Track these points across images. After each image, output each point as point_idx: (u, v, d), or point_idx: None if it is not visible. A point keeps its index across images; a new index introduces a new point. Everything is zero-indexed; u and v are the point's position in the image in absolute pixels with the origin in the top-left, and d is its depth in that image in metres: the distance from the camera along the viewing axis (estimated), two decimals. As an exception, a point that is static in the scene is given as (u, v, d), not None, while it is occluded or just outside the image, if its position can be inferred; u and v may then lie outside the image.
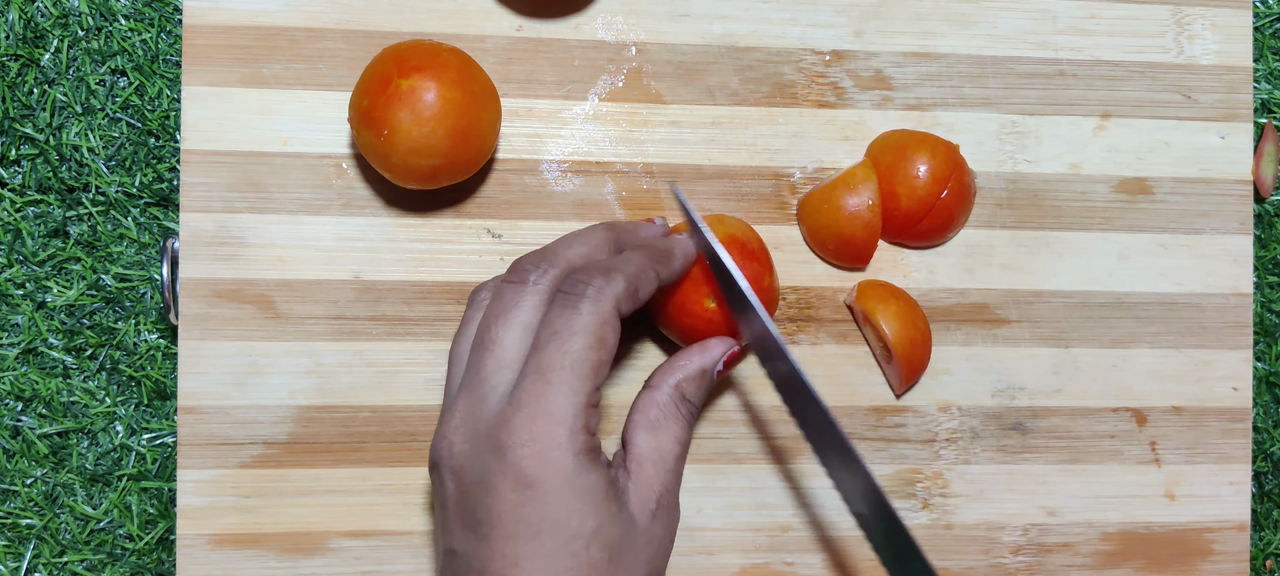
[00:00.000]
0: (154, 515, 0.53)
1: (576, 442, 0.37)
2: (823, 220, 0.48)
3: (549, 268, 0.40)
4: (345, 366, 0.48)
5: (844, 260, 0.50)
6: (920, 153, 0.48)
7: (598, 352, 0.38)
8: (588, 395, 0.37)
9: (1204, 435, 0.53)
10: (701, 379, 0.43)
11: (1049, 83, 0.52)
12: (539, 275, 0.40)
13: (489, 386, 0.38)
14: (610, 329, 0.38)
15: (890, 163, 0.49)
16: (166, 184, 0.52)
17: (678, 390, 0.42)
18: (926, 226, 0.49)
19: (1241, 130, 0.53)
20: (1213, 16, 0.53)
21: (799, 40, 0.51)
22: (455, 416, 0.38)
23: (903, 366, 0.48)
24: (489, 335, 0.39)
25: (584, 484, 0.37)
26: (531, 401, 0.37)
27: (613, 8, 0.50)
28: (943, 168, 0.48)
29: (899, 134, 0.50)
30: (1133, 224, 0.52)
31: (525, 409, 0.37)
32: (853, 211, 0.48)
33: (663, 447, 0.41)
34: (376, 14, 0.49)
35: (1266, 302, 0.58)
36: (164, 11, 0.52)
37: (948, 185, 0.48)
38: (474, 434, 0.38)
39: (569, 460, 0.36)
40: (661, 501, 0.40)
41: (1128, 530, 0.52)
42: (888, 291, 0.49)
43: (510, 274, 0.40)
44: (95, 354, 0.52)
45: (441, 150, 0.43)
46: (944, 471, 0.51)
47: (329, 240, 0.48)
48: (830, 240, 0.49)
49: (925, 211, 0.48)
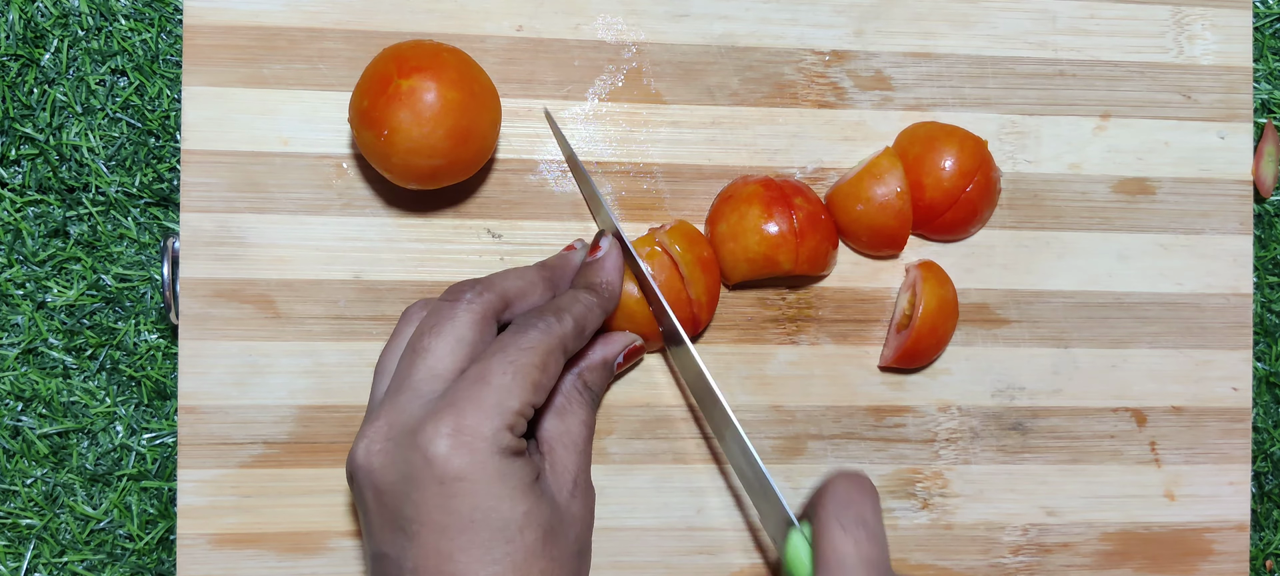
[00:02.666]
0: (154, 515, 0.53)
1: (501, 441, 0.38)
2: (852, 213, 0.49)
3: (484, 291, 0.41)
4: (345, 366, 0.48)
5: (878, 249, 0.50)
6: (948, 145, 0.49)
7: (540, 372, 0.39)
8: (522, 403, 0.38)
9: (1204, 435, 0.53)
10: (603, 369, 0.46)
11: (1049, 83, 0.52)
12: (474, 295, 0.41)
13: (418, 391, 0.39)
14: (554, 359, 0.40)
15: (918, 154, 0.49)
16: (166, 184, 0.52)
17: (580, 378, 0.45)
18: (950, 219, 0.49)
19: (1241, 130, 0.53)
20: (1213, 16, 0.53)
21: (799, 40, 0.51)
22: (378, 421, 0.39)
23: (911, 341, 0.48)
24: (422, 343, 0.40)
25: (510, 472, 0.38)
26: (463, 399, 0.38)
27: (613, 8, 0.50)
28: (970, 161, 0.48)
29: (928, 126, 0.50)
30: (1133, 224, 0.52)
31: (457, 405, 0.37)
32: (882, 201, 0.48)
33: (571, 430, 0.43)
34: (376, 14, 0.49)
35: (1266, 302, 0.58)
36: (164, 11, 0.52)
37: (974, 179, 0.48)
38: (398, 435, 0.38)
39: (494, 454, 0.37)
40: (577, 481, 0.42)
41: (1127, 530, 0.52)
42: (946, 279, 0.49)
43: (447, 294, 0.42)
44: (95, 354, 0.52)
45: (441, 150, 0.43)
46: (944, 471, 0.51)
47: (329, 240, 0.48)
48: (862, 232, 0.49)
49: (950, 204, 0.48)
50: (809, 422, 0.50)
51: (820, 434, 0.51)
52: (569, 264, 0.46)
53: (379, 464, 0.38)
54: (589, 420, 0.44)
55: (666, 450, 0.50)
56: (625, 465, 0.50)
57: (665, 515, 0.50)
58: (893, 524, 0.51)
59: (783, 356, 0.50)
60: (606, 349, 0.46)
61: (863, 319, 0.51)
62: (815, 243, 0.47)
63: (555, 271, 0.45)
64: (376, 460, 0.38)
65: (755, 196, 0.47)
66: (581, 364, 0.45)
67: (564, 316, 0.41)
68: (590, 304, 0.43)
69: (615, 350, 0.46)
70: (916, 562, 0.51)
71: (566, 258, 0.47)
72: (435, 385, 0.39)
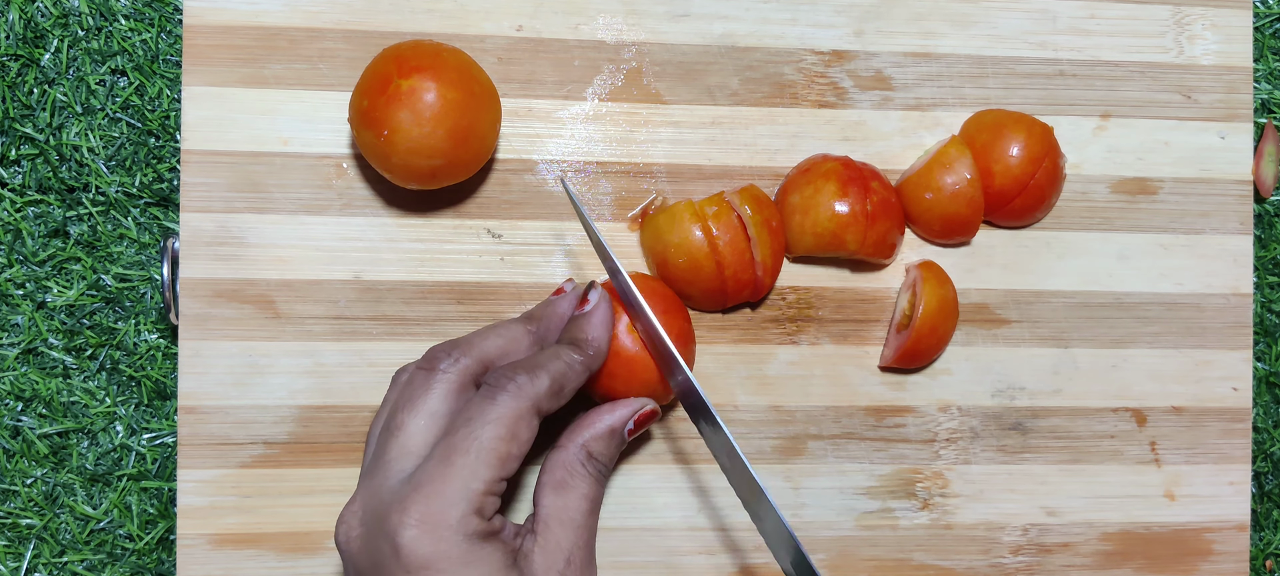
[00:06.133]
0: (154, 515, 0.53)
1: (468, 526, 0.37)
2: (922, 202, 0.49)
3: (461, 357, 0.40)
4: (345, 366, 0.48)
5: (949, 237, 0.50)
6: (1016, 132, 0.49)
7: (508, 444, 0.38)
8: (488, 483, 0.37)
9: (1204, 435, 0.53)
10: (610, 438, 0.43)
11: (1049, 83, 0.52)
12: (449, 364, 0.40)
13: (391, 471, 0.38)
14: (525, 425, 0.39)
15: (986, 141, 0.49)
16: (166, 184, 0.52)
17: (584, 449, 0.42)
18: (1019, 205, 0.49)
19: (1241, 130, 0.53)
20: (1213, 16, 0.53)
21: (799, 40, 0.51)
22: (355, 502, 0.39)
23: (911, 341, 0.48)
24: (395, 420, 0.39)
25: (479, 558, 0.37)
26: (428, 482, 0.37)
27: (613, 8, 0.50)
28: (1038, 147, 0.49)
29: (995, 113, 0.50)
30: (1133, 224, 0.52)
31: (422, 489, 0.37)
32: (954, 190, 0.48)
33: (569, 507, 0.41)
34: (376, 14, 0.49)
35: (1266, 302, 0.58)
36: (164, 11, 0.52)
37: (1042, 165, 0.49)
38: (370, 517, 0.38)
39: (460, 541, 0.36)
40: (572, 559, 0.40)
41: (1128, 530, 0.52)
42: (946, 278, 0.49)
43: (422, 362, 0.41)
44: (95, 354, 0.52)
45: (441, 150, 0.43)
46: (944, 471, 0.51)
47: (329, 240, 0.48)
48: (934, 221, 0.49)
49: (1019, 190, 0.49)
50: (809, 422, 0.50)
51: (820, 434, 0.51)
52: (556, 313, 0.44)
53: (356, 548, 0.38)
54: (592, 494, 0.41)
55: (666, 450, 0.50)
56: (625, 465, 0.50)
57: (665, 515, 0.50)
58: (893, 524, 0.51)
59: (783, 356, 0.50)
60: (613, 417, 0.43)
61: (863, 319, 0.51)
62: (884, 228, 0.48)
63: (541, 324, 0.43)
64: (353, 544, 0.38)
65: (833, 173, 0.48)
66: (586, 434, 0.42)
67: (539, 375, 0.39)
68: (572, 362, 0.41)
69: (623, 418, 0.43)
70: (917, 563, 0.51)
71: (553, 305, 0.44)
72: (407, 463, 0.38)
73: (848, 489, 0.51)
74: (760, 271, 0.47)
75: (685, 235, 0.46)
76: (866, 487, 0.51)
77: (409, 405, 0.39)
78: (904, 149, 0.51)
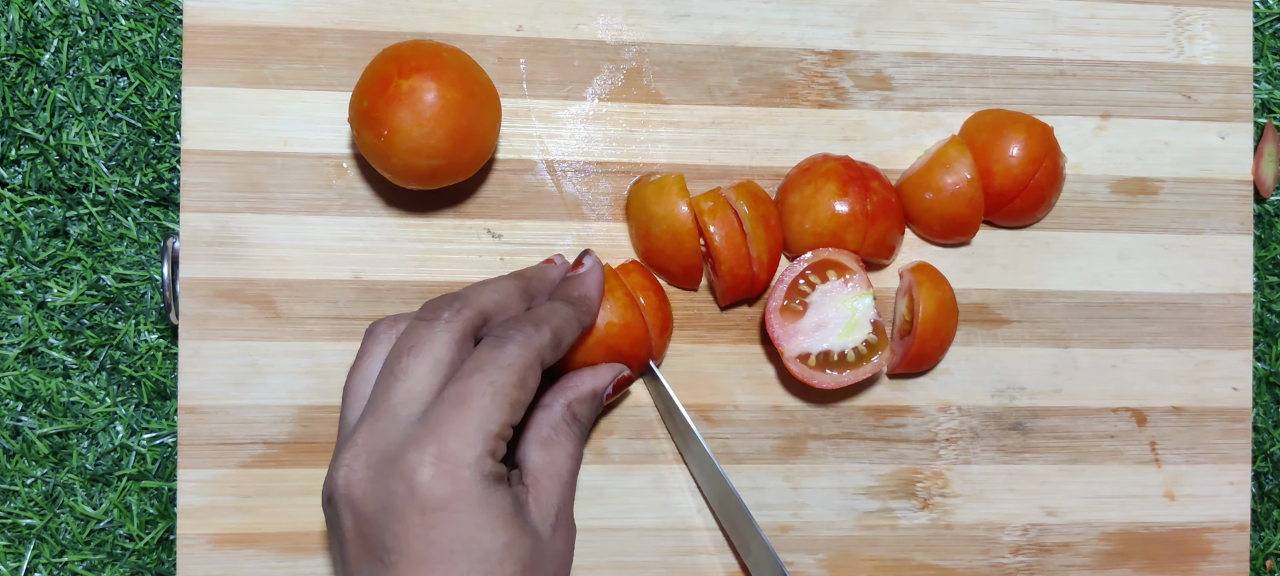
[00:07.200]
0: (154, 515, 0.53)
1: (484, 466, 0.37)
2: (922, 203, 0.49)
3: (463, 308, 0.40)
4: (345, 366, 0.48)
5: (949, 237, 0.50)
6: (1016, 132, 0.49)
7: (519, 391, 0.38)
8: (501, 427, 0.37)
9: (1204, 435, 0.53)
10: (592, 399, 0.44)
11: (1049, 83, 0.52)
12: (452, 314, 0.40)
13: (397, 415, 0.38)
14: (532, 373, 0.39)
15: (986, 141, 0.49)
16: (166, 184, 0.52)
17: (569, 409, 0.43)
18: (1019, 205, 0.49)
19: (1241, 130, 0.53)
20: (1213, 16, 0.53)
21: (799, 40, 0.51)
22: (356, 445, 0.38)
23: (915, 346, 0.48)
24: (399, 365, 0.39)
25: (492, 501, 0.37)
26: (443, 423, 0.37)
27: (613, 8, 0.50)
28: (1038, 147, 0.49)
29: (995, 113, 0.50)
30: (1133, 224, 0.52)
31: (438, 430, 0.37)
32: (954, 189, 0.48)
33: (557, 463, 0.42)
34: (376, 14, 0.49)
35: (1266, 303, 0.58)
36: (164, 11, 0.52)
37: (1042, 165, 0.49)
38: (378, 461, 0.37)
39: (477, 481, 0.36)
40: (560, 514, 0.41)
41: (1128, 530, 0.52)
42: (941, 279, 0.49)
43: (422, 312, 0.40)
44: (95, 354, 0.52)
45: (441, 150, 0.43)
46: (944, 471, 0.51)
47: (329, 240, 0.48)
48: (934, 221, 0.49)
49: (1019, 190, 0.49)
50: (809, 422, 0.50)
51: (820, 434, 0.51)
52: (546, 276, 0.45)
53: (360, 492, 0.37)
54: (576, 453, 0.43)
55: (666, 450, 0.50)
56: (625, 465, 0.50)
57: (665, 515, 0.50)
58: (893, 524, 0.51)
59: (783, 356, 0.50)
60: (596, 379, 0.45)
61: (863, 319, 0.51)
62: (884, 228, 0.48)
63: (531, 282, 0.44)
64: (357, 488, 0.37)
65: (834, 173, 0.48)
66: (571, 394, 0.44)
67: (542, 327, 0.40)
68: (568, 316, 0.42)
69: (605, 381, 0.45)
70: (917, 563, 0.51)
71: (544, 270, 0.45)
72: (414, 408, 0.38)
73: (848, 489, 0.51)
74: (757, 267, 0.47)
75: (670, 208, 0.46)
76: (866, 487, 0.51)
77: (414, 351, 0.39)
78: (904, 149, 0.51)
